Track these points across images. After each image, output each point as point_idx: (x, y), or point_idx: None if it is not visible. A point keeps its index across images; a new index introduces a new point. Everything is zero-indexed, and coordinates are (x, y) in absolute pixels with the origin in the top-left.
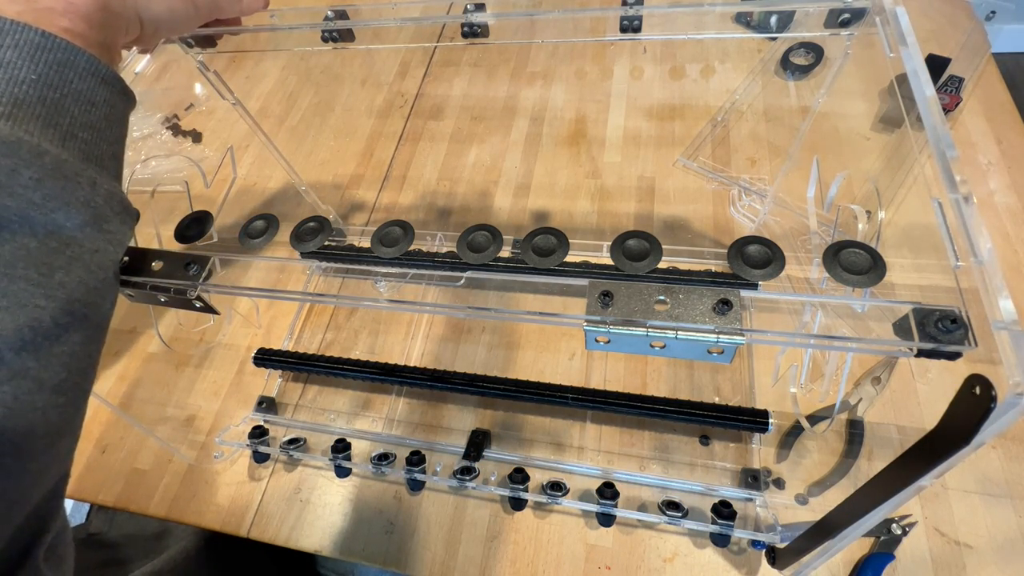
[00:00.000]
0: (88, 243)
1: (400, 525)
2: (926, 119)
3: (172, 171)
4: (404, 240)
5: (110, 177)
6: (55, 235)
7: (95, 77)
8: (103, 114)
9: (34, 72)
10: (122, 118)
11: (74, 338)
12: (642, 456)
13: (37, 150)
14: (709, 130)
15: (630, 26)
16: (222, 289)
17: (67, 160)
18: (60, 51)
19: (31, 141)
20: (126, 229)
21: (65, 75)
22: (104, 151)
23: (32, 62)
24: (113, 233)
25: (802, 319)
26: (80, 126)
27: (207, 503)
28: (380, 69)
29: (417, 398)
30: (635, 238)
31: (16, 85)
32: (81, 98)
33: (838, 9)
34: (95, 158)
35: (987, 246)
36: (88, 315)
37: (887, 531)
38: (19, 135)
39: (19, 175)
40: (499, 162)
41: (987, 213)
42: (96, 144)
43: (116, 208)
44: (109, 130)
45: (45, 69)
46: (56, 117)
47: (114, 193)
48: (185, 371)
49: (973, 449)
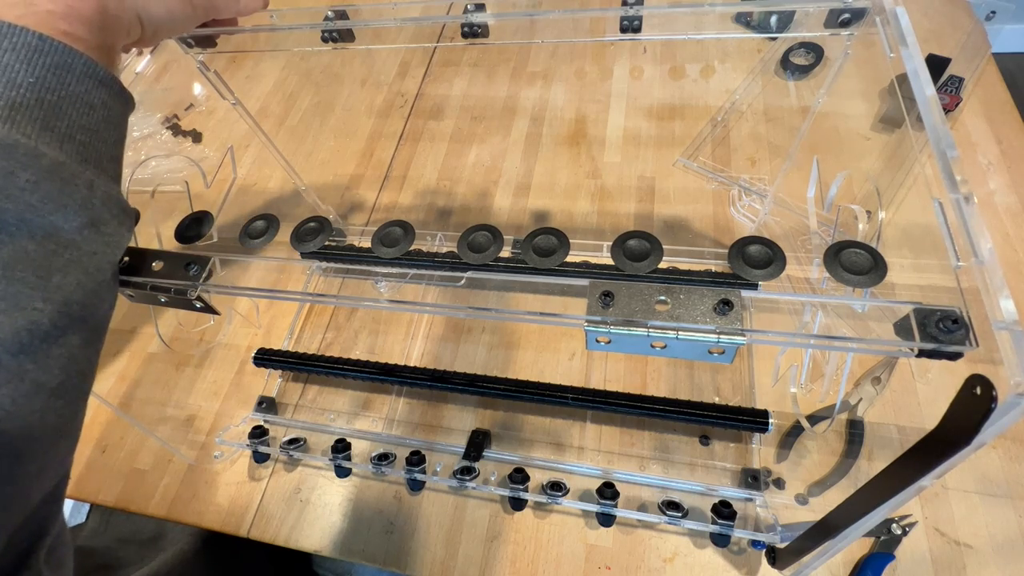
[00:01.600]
0: (86, 245)
1: (400, 525)
2: (926, 119)
3: (172, 171)
4: (405, 240)
5: (108, 179)
6: (53, 237)
7: (93, 80)
8: (101, 117)
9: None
10: (120, 120)
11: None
12: (642, 456)
13: (34, 152)
14: (709, 130)
15: (630, 26)
16: (222, 289)
17: (65, 163)
18: (57, 54)
19: (28, 144)
20: (124, 231)
21: (63, 78)
22: (102, 153)
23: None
24: (111, 235)
25: (802, 319)
26: (78, 129)
27: (207, 503)
28: (380, 69)
29: (417, 398)
30: (636, 238)
31: (13, 88)
32: (79, 101)
33: (838, 9)
34: (93, 160)
35: (988, 246)
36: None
37: (887, 531)
38: (16, 138)
39: (16, 178)
40: (499, 162)
41: (987, 213)
42: (94, 146)
43: (114, 210)
44: (107, 132)
45: (42, 72)
46: (54, 120)
47: (112, 195)
48: (185, 371)
49: (974, 449)
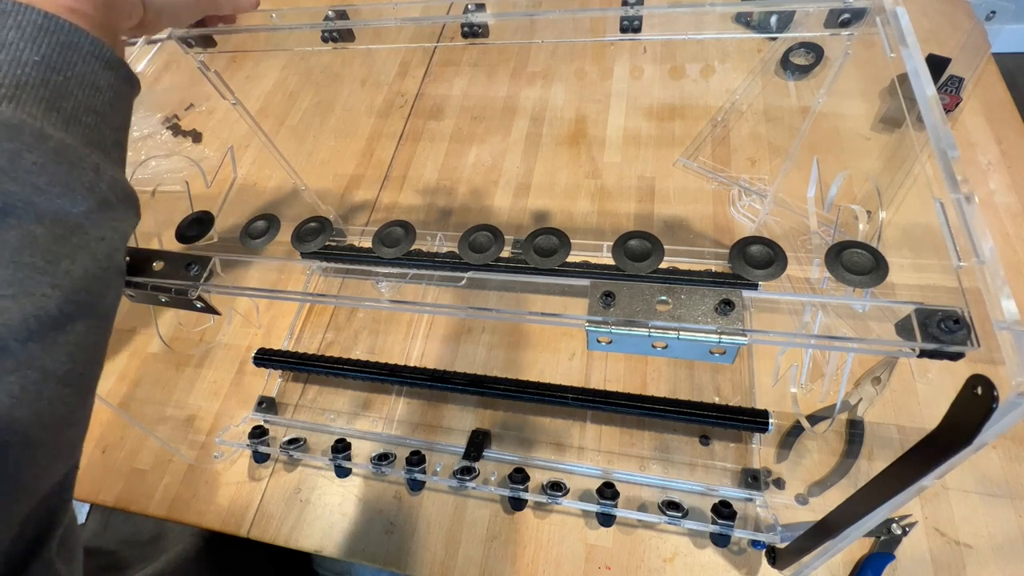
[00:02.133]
0: (94, 230)
1: (400, 525)
2: (927, 119)
3: (172, 171)
4: (405, 240)
5: (114, 164)
6: (61, 222)
7: (99, 61)
8: (107, 99)
9: (37, 54)
10: (126, 104)
11: (80, 328)
12: (642, 456)
13: (40, 133)
14: (709, 130)
15: (630, 26)
16: (223, 289)
17: (71, 145)
18: (64, 33)
19: (34, 124)
20: (131, 217)
21: (69, 57)
22: (108, 137)
23: (35, 43)
24: (118, 221)
25: (803, 319)
26: (84, 110)
27: (207, 503)
28: (380, 69)
29: (417, 398)
30: (637, 238)
31: (19, 67)
32: (85, 82)
33: (838, 9)
34: (98, 144)
35: (989, 246)
36: (94, 304)
37: (887, 531)
38: (22, 118)
39: (22, 159)
40: (499, 162)
41: (987, 213)
42: (100, 129)
43: (120, 195)
44: (113, 116)
45: (48, 51)
46: (59, 100)
47: (118, 180)
48: (185, 371)
49: (975, 450)
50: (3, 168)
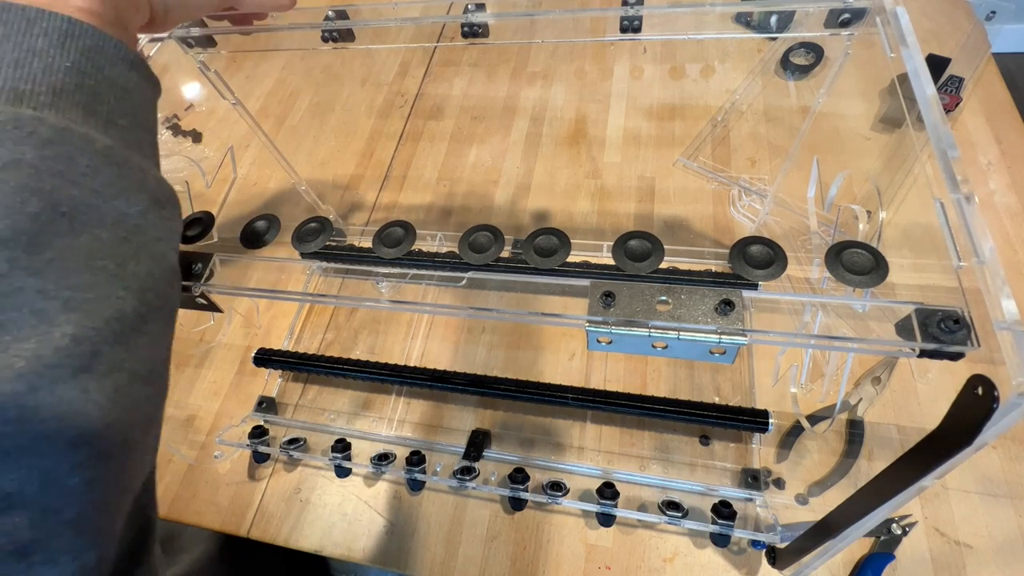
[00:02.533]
0: (151, 230)
1: (400, 525)
2: (927, 119)
3: (172, 171)
4: (406, 240)
5: (152, 165)
6: (121, 224)
7: (124, 63)
8: (137, 101)
9: (67, 60)
10: (152, 105)
11: (152, 328)
12: (642, 456)
13: (86, 138)
14: (709, 130)
15: (630, 26)
16: (224, 289)
17: (113, 147)
18: (88, 37)
19: (78, 130)
20: (178, 216)
21: (97, 62)
22: (142, 139)
23: (64, 49)
24: (170, 220)
25: (802, 319)
26: (118, 114)
27: (207, 503)
28: (380, 69)
29: (417, 398)
30: (637, 238)
31: (52, 74)
32: (115, 85)
33: (838, 9)
34: (136, 146)
35: (989, 246)
36: (162, 304)
37: (887, 531)
38: (66, 123)
39: (76, 163)
40: (499, 162)
41: (987, 213)
42: (134, 131)
43: (166, 195)
44: (144, 117)
45: (77, 56)
46: (95, 105)
47: (161, 180)
48: (185, 371)
49: (975, 450)
50: (61, 173)
